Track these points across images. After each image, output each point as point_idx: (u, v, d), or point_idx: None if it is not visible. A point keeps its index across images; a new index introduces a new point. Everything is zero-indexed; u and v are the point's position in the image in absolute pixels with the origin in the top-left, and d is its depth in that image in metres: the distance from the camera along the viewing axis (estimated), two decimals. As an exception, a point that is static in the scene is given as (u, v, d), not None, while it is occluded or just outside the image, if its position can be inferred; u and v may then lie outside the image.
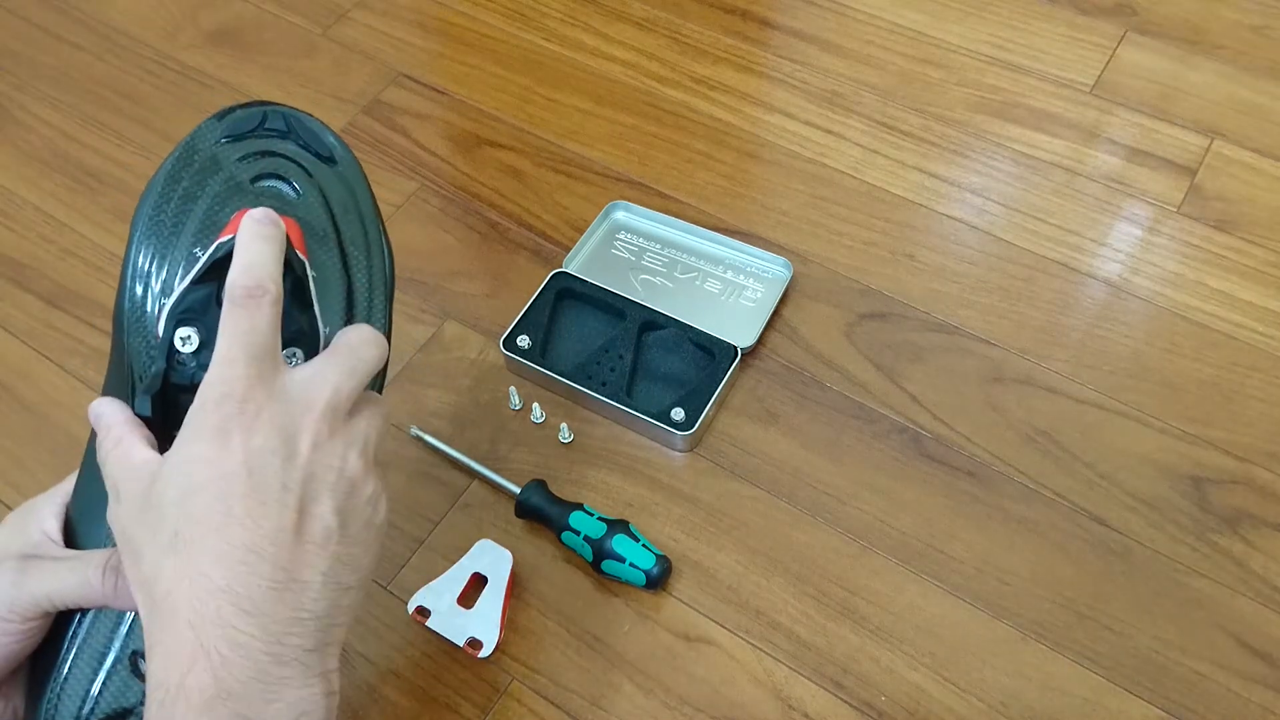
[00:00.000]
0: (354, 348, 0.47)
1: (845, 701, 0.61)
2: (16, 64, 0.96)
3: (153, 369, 0.46)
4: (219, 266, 0.46)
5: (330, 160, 0.52)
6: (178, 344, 0.46)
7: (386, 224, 0.55)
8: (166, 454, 0.43)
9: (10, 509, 0.58)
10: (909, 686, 0.61)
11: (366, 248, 0.53)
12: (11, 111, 0.92)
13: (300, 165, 0.52)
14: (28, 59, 0.96)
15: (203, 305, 0.46)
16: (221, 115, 0.52)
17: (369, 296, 0.52)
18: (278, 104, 0.53)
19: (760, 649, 0.62)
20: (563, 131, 0.88)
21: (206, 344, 0.46)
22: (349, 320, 0.51)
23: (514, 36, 0.96)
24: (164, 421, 0.45)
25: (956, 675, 0.61)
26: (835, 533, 0.67)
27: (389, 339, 0.53)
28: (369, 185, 0.54)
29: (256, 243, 0.45)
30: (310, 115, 0.53)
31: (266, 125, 0.52)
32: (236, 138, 0.51)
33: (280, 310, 0.45)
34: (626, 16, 0.97)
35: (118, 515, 0.43)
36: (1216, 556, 0.65)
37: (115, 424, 0.45)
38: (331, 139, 0.53)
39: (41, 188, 0.86)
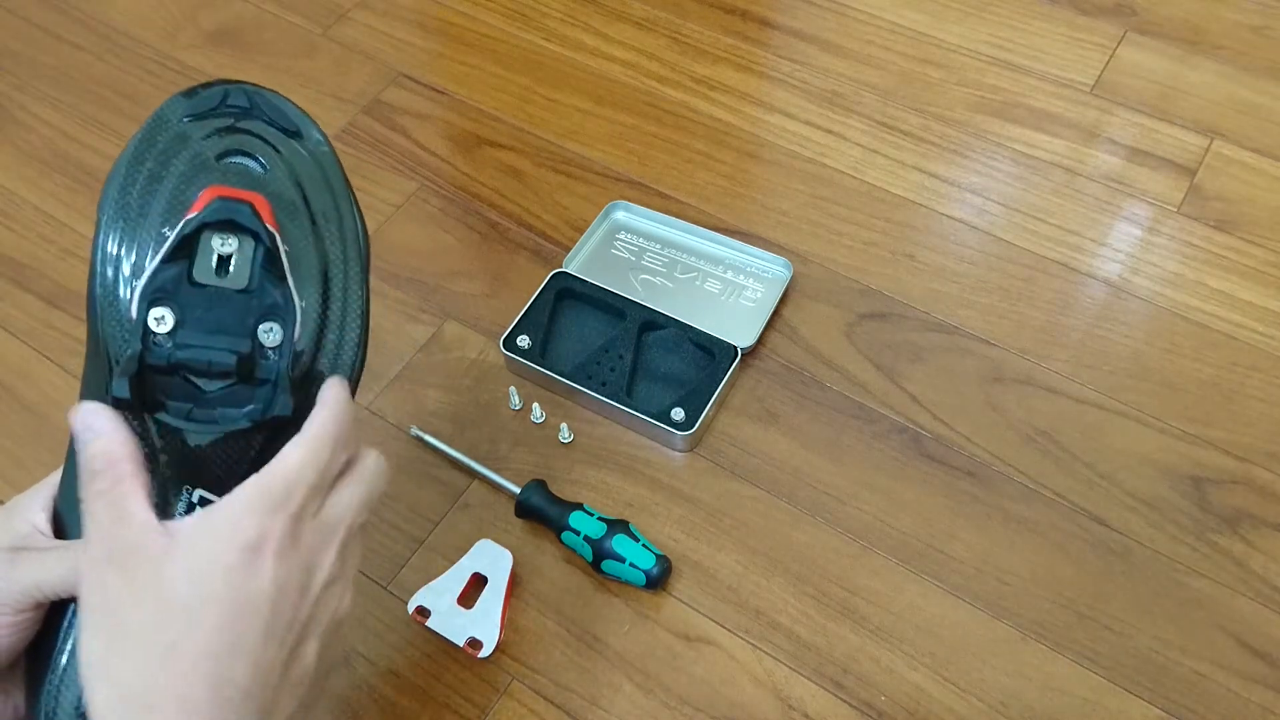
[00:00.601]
0: (373, 478, 0.46)
1: (845, 701, 0.61)
2: (16, 64, 0.96)
3: (128, 351, 0.45)
4: (187, 243, 0.46)
5: (296, 135, 0.52)
6: (152, 324, 0.45)
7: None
8: (182, 531, 0.40)
9: (10, 509, 0.58)
10: (909, 686, 0.61)
11: (339, 219, 0.52)
12: (11, 111, 0.92)
13: (266, 141, 0.51)
14: (28, 59, 0.96)
15: (174, 284, 0.46)
16: (189, 93, 0.51)
17: (344, 268, 0.52)
18: (240, 81, 0.53)
19: (760, 649, 0.62)
20: (563, 131, 0.88)
21: (181, 323, 0.46)
22: (325, 295, 0.51)
23: (514, 36, 0.96)
24: (142, 404, 0.45)
25: (956, 675, 0.61)
26: (835, 533, 0.67)
27: (368, 312, 0.52)
28: (336, 155, 0.53)
29: (351, 410, 0.46)
30: (274, 91, 0.53)
31: (229, 103, 0.51)
32: (199, 116, 0.51)
33: (338, 472, 0.45)
34: (626, 16, 0.97)
35: (93, 567, 0.41)
36: (1216, 556, 0.65)
37: (117, 458, 0.42)
38: (295, 113, 0.52)
39: (41, 188, 0.86)
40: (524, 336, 0.73)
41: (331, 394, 0.46)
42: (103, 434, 0.43)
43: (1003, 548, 0.66)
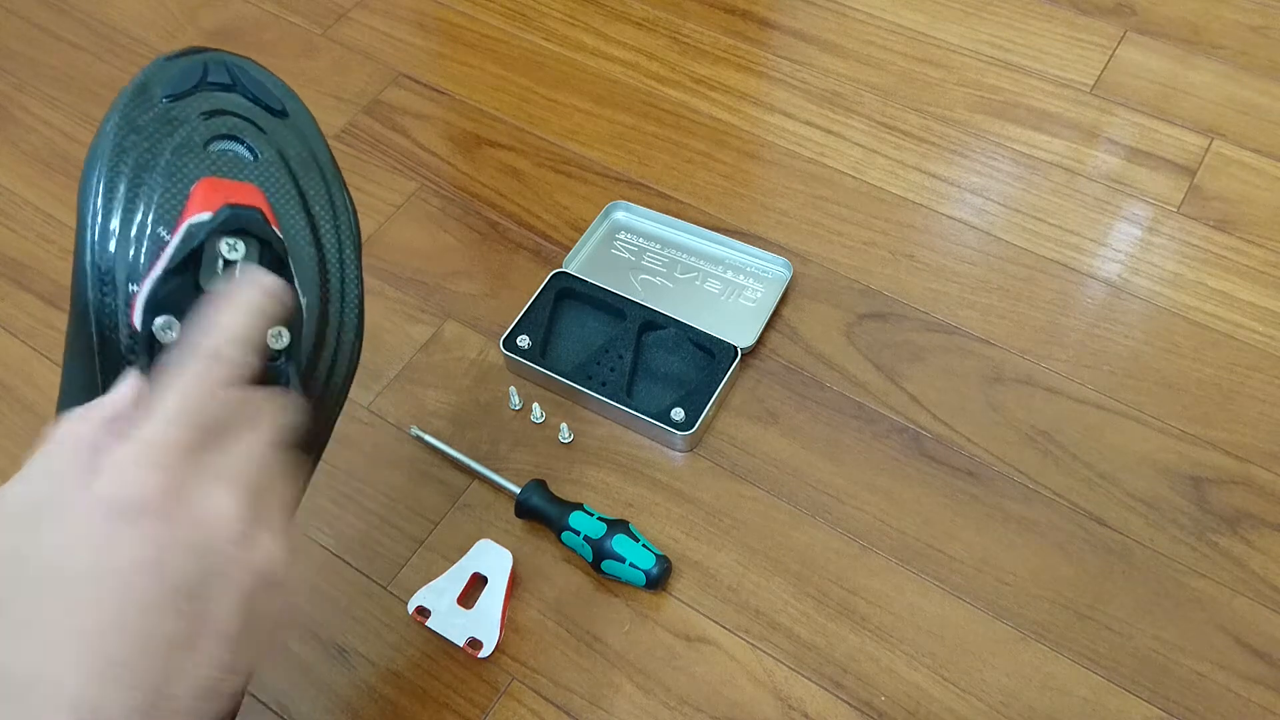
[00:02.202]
0: (275, 413, 0.42)
1: (845, 701, 0.61)
2: (16, 64, 0.96)
3: (135, 365, 0.43)
4: (193, 252, 0.44)
5: (282, 113, 0.50)
6: (158, 334, 0.43)
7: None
8: (56, 510, 0.37)
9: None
10: (909, 686, 0.61)
11: (332, 208, 0.51)
12: (11, 111, 0.92)
13: (253, 122, 0.49)
14: (28, 59, 0.96)
15: (180, 293, 0.43)
16: (172, 56, 0.49)
17: (339, 257, 0.50)
18: (217, 50, 0.50)
19: (760, 649, 0.62)
20: (563, 131, 0.88)
21: (186, 332, 0.43)
22: (324, 285, 0.50)
23: (514, 36, 0.96)
24: None
25: (956, 675, 0.61)
26: (835, 533, 0.67)
27: (362, 298, 0.51)
28: (322, 134, 0.52)
29: (246, 314, 0.41)
30: (251, 60, 0.51)
31: (210, 79, 0.49)
32: (179, 96, 0.48)
33: (236, 381, 0.40)
34: (626, 16, 0.97)
35: None
36: (1216, 556, 0.65)
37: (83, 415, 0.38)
38: (279, 88, 0.51)
39: (41, 188, 0.86)
40: (524, 336, 0.73)
41: (218, 310, 0.42)
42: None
43: (1003, 548, 0.66)
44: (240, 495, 0.39)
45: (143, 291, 0.44)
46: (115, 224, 0.47)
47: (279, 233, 0.45)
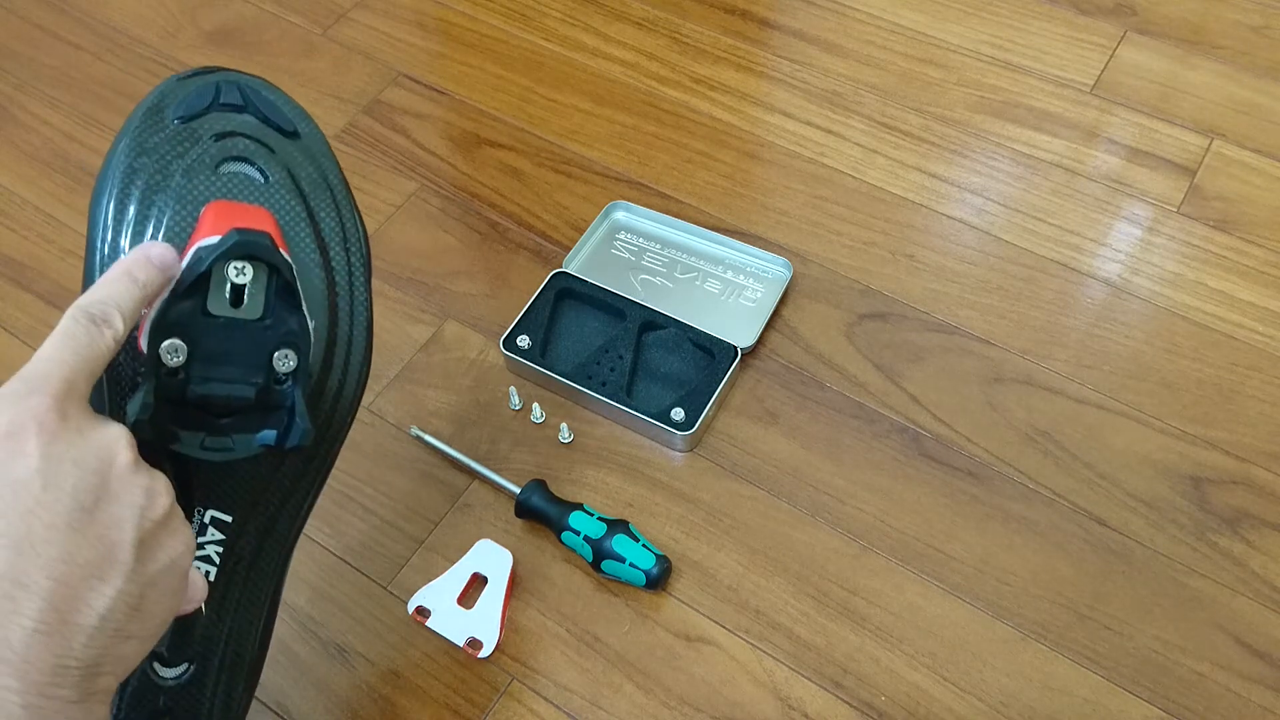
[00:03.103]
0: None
1: (845, 701, 0.61)
2: (16, 64, 0.96)
3: (142, 388, 0.44)
4: (201, 276, 0.44)
5: (293, 134, 0.50)
6: (164, 357, 0.44)
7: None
8: None
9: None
10: (909, 686, 0.61)
11: (342, 231, 0.51)
12: (11, 111, 0.92)
13: (263, 144, 0.49)
14: (28, 59, 0.96)
15: (187, 316, 0.44)
16: (185, 76, 0.49)
17: (349, 279, 0.51)
18: (228, 70, 0.51)
19: (760, 649, 0.62)
20: (563, 131, 0.88)
21: (194, 356, 0.44)
22: (333, 308, 0.50)
23: (514, 36, 0.96)
24: (158, 439, 0.44)
25: (956, 675, 0.61)
26: (835, 533, 0.67)
27: (371, 320, 0.52)
28: (334, 157, 0.52)
29: (124, 282, 0.41)
30: (264, 80, 0.51)
31: (221, 100, 0.49)
32: (190, 117, 0.49)
33: (111, 353, 0.40)
34: (626, 16, 0.97)
35: None
36: (1216, 556, 0.65)
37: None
38: (291, 109, 0.51)
39: (41, 188, 0.86)
40: (524, 336, 0.73)
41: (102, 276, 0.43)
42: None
43: (1003, 548, 0.66)
44: (125, 430, 0.39)
45: (150, 314, 0.44)
46: (125, 245, 0.47)
47: (288, 257, 0.45)
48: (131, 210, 0.47)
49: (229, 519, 0.49)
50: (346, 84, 0.92)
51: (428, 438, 0.70)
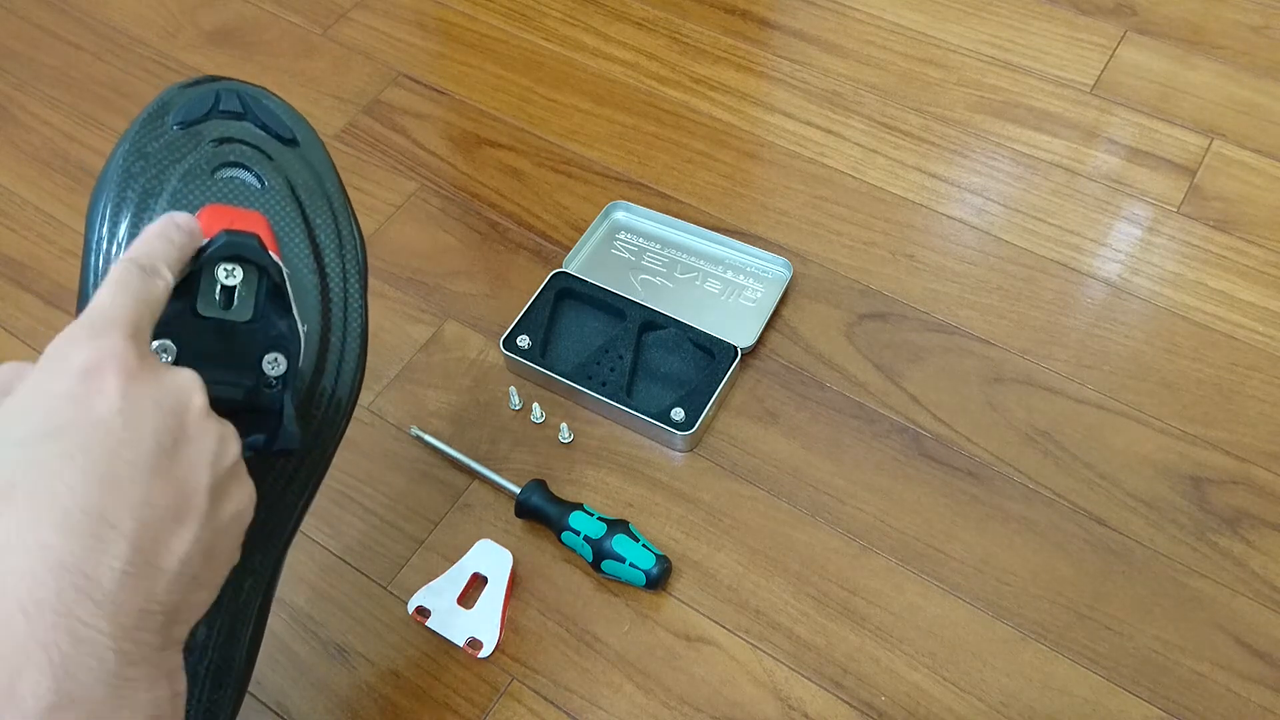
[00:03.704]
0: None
1: (845, 701, 0.61)
2: (16, 64, 0.96)
3: None
4: (191, 277, 0.44)
5: (292, 142, 0.51)
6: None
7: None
8: (16, 389, 0.36)
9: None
10: (909, 686, 0.61)
11: (337, 235, 0.51)
12: (11, 111, 0.92)
13: (262, 150, 0.50)
14: (28, 59, 0.96)
15: (176, 317, 0.44)
16: (187, 84, 0.50)
17: (343, 285, 0.51)
18: (229, 79, 0.51)
19: (760, 649, 0.62)
20: (563, 131, 0.88)
21: (183, 356, 0.44)
22: (326, 313, 0.50)
23: (514, 36, 0.96)
24: None
25: (956, 675, 0.61)
26: (835, 533, 0.67)
27: (366, 327, 0.52)
28: (333, 164, 0.52)
29: (161, 241, 0.42)
30: (265, 90, 0.51)
31: (221, 107, 0.50)
32: (190, 123, 0.49)
33: (163, 303, 0.41)
34: (626, 16, 0.97)
35: None
36: (1216, 556, 0.65)
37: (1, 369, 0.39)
38: (290, 117, 0.51)
39: (41, 188, 0.86)
40: (524, 336, 0.73)
41: (140, 235, 0.43)
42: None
43: (1003, 548, 0.66)
44: (196, 376, 0.39)
45: None
46: (119, 249, 0.47)
47: (277, 259, 0.45)
48: (128, 213, 0.48)
49: None
50: (346, 84, 0.92)
51: (428, 438, 0.70)
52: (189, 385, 0.38)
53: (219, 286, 0.44)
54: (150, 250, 0.41)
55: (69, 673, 0.32)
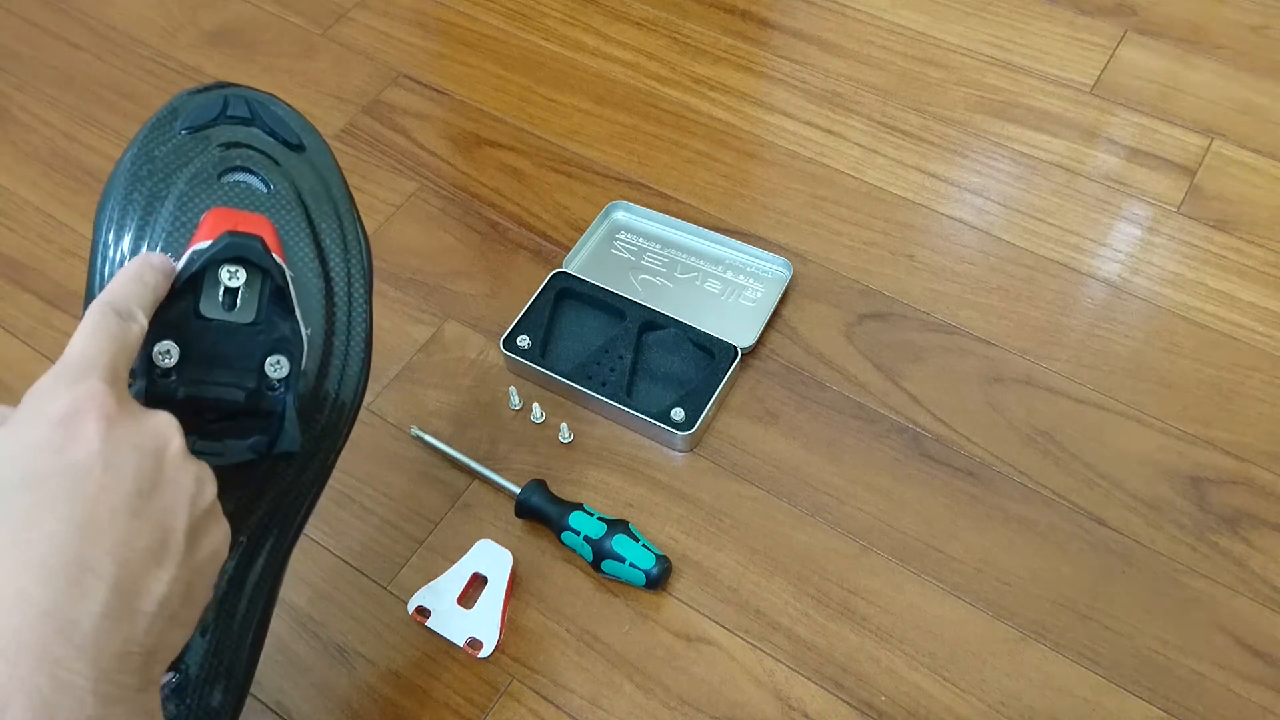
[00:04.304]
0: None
1: (845, 701, 0.61)
2: (16, 64, 0.96)
3: (133, 388, 0.44)
4: (193, 277, 0.44)
5: (299, 148, 0.51)
6: (157, 359, 0.44)
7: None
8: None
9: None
10: (909, 686, 0.61)
11: (343, 240, 0.51)
12: (11, 111, 0.92)
13: (269, 155, 0.50)
14: (28, 59, 0.96)
15: (180, 318, 0.44)
16: (197, 90, 0.50)
17: (348, 290, 0.51)
18: (239, 85, 0.51)
19: (760, 649, 0.62)
20: (563, 131, 0.88)
21: (186, 357, 0.44)
22: (330, 317, 0.50)
23: (514, 36, 0.96)
24: None
25: (956, 675, 0.61)
26: (835, 533, 0.67)
27: (370, 332, 0.52)
28: (340, 170, 0.52)
29: (135, 283, 0.42)
30: (273, 96, 0.52)
31: (229, 112, 0.50)
32: (198, 128, 0.49)
33: (138, 346, 0.41)
34: (626, 16, 0.97)
35: None
36: (1216, 556, 0.65)
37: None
38: (298, 123, 0.51)
39: (41, 188, 0.86)
40: (524, 336, 0.73)
41: (114, 276, 0.43)
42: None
43: (1003, 548, 0.66)
44: (173, 418, 0.40)
45: None
46: (125, 250, 0.47)
47: (280, 261, 0.46)
48: (134, 217, 0.48)
49: None
50: (346, 84, 0.92)
51: (428, 438, 0.70)
52: (167, 428, 0.39)
53: (222, 288, 0.45)
54: (125, 293, 0.41)
55: (50, 716, 0.33)
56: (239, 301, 0.45)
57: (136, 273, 0.42)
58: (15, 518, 0.35)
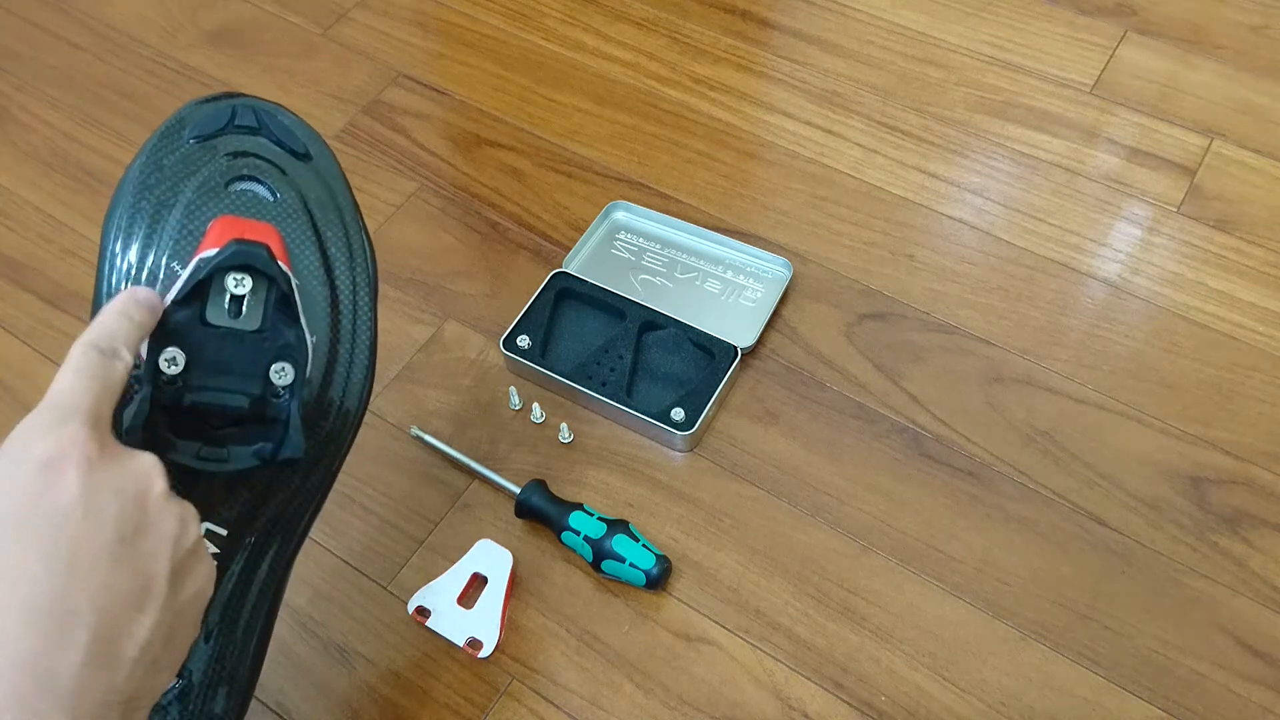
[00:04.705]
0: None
1: (845, 701, 0.61)
2: (16, 64, 0.96)
3: (139, 394, 0.44)
4: (199, 285, 0.45)
5: (305, 156, 0.51)
6: (163, 366, 0.44)
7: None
8: None
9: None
10: (909, 686, 0.61)
11: (349, 250, 0.51)
12: (11, 111, 0.92)
13: (275, 164, 0.50)
14: (28, 59, 0.96)
15: (185, 325, 0.44)
16: (204, 100, 0.51)
17: (353, 298, 0.51)
18: (246, 95, 0.52)
19: (760, 649, 0.62)
20: (563, 131, 0.88)
21: (192, 364, 0.44)
22: (335, 325, 0.50)
23: (514, 36, 0.96)
24: (151, 444, 0.43)
25: (956, 675, 0.61)
26: (835, 533, 0.67)
27: (375, 339, 0.52)
28: (346, 179, 0.53)
29: (120, 320, 0.42)
30: (280, 106, 0.52)
31: (236, 122, 0.50)
32: (206, 137, 0.50)
33: (123, 384, 0.41)
34: (626, 16, 0.97)
35: None
36: (1216, 556, 0.65)
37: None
38: (305, 132, 0.52)
39: (41, 188, 0.86)
40: (524, 336, 0.73)
41: (99, 312, 0.43)
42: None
43: (1003, 548, 0.66)
44: (157, 460, 0.39)
45: None
46: (133, 258, 0.48)
47: (286, 270, 0.46)
48: (142, 225, 0.48)
49: (224, 533, 0.49)
50: (346, 84, 0.92)
51: (428, 438, 0.70)
52: (149, 470, 0.39)
53: (228, 296, 0.45)
54: (110, 330, 0.41)
55: None
56: (245, 309, 0.45)
57: (121, 308, 0.42)
58: (1, 560, 0.35)
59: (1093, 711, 0.60)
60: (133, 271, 0.48)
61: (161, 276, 0.48)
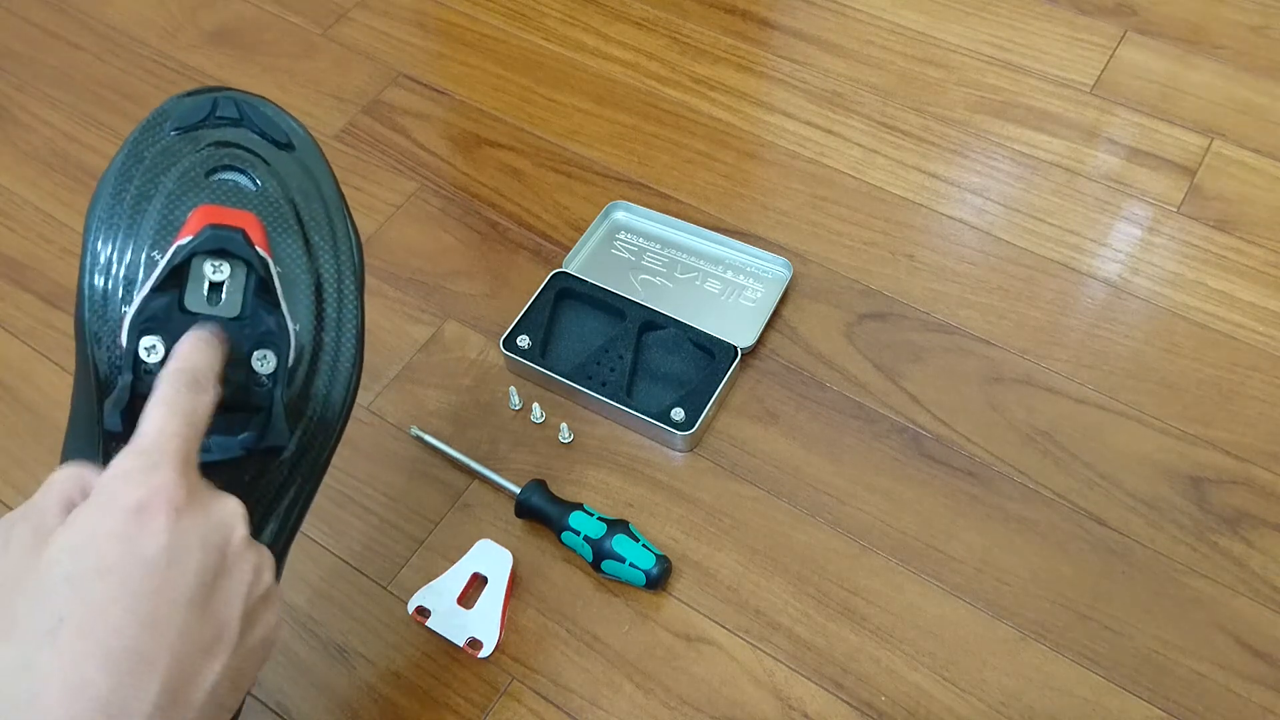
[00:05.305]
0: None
1: (845, 701, 0.61)
2: (16, 64, 0.96)
3: (119, 381, 0.44)
4: (178, 271, 0.45)
5: (288, 146, 0.51)
6: (142, 354, 0.44)
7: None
8: (68, 519, 0.37)
9: (10, 508, 0.58)
10: (909, 686, 0.61)
11: (332, 237, 0.51)
12: (11, 111, 0.92)
13: (257, 154, 0.50)
14: (28, 59, 0.96)
15: (164, 312, 0.44)
16: (186, 94, 0.50)
17: (338, 286, 0.51)
18: (228, 88, 0.52)
19: (760, 649, 0.62)
20: (563, 131, 0.88)
21: (170, 352, 0.44)
22: (320, 313, 0.50)
23: (514, 36, 0.96)
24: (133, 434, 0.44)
25: (956, 675, 0.61)
26: (835, 533, 0.67)
27: (362, 328, 0.52)
28: (330, 168, 0.52)
29: (206, 350, 0.43)
30: (263, 98, 0.52)
31: (218, 114, 0.50)
32: (187, 129, 0.50)
33: (210, 418, 0.42)
34: (626, 16, 0.97)
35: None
36: (1216, 556, 0.65)
37: (61, 477, 0.40)
38: (287, 123, 0.51)
39: (41, 188, 0.86)
40: (524, 336, 0.73)
41: (179, 345, 0.44)
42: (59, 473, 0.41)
43: (1003, 548, 0.66)
44: (240, 504, 0.40)
45: (130, 311, 0.45)
46: (114, 248, 0.47)
47: (265, 254, 0.46)
48: (123, 215, 0.48)
49: None
50: (346, 84, 0.92)
51: (428, 438, 0.70)
52: (232, 517, 0.40)
53: (206, 282, 0.45)
54: (199, 363, 0.42)
55: None
56: (224, 295, 0.45)
57: (207, 337, 0.43)
58: (87, 605, 0.35)
59: (1093, 711, 0.60)
60: (112, 261, 0.47)
61: (142, 265, 0.47)
